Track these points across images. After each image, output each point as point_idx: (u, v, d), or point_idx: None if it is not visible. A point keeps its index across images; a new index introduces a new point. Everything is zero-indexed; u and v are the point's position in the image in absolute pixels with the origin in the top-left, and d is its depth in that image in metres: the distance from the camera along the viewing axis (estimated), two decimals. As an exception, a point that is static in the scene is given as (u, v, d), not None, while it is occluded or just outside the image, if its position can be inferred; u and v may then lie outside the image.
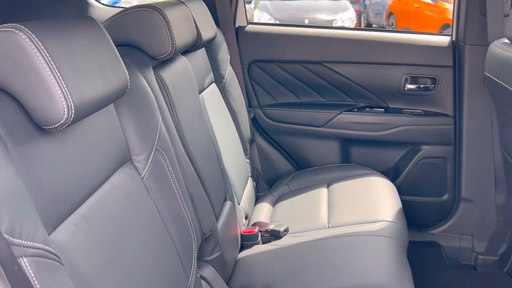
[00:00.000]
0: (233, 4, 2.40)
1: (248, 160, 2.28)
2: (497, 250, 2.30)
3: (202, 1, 1.94)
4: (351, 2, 9.67)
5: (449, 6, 6.93)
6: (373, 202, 1.96)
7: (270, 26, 2.86)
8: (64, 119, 0.85)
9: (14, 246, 0.71)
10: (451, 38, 2.31)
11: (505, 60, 1.73)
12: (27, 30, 0.82)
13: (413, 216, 2.11)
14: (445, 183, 2.41)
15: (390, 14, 9.24)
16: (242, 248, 1.83)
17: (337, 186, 2.14)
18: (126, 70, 1.08)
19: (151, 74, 1.39)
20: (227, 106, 2.14)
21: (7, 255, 0.68)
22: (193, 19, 1.71)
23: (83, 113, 0.90)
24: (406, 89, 2.37)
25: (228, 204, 1.77)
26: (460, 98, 2.28)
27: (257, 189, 2.32)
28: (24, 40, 0.82)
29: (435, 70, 2.31)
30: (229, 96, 2.18)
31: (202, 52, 1.98)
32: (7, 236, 0.70)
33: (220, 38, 2.20)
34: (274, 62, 2.45)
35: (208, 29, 1.88)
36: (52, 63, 0.84)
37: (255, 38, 2.47)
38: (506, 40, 1.80)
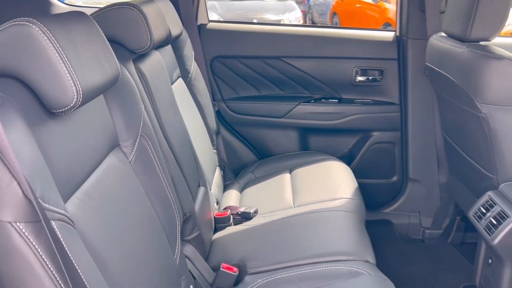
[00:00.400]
0: (194, 3, 2.51)
1: (215, 151, 2.40)
2: (442, 224, 2.53)
3: (169, 0, 2.05)
4: (297, 3, 9.95)
5: (389, 6, 7.29)
6: (332, 183, 2.14)
7: (231, 23, 2.99)
8: (73, 102, 0.95)
9: (46, 210, 0.81)
10: (395, 33, 2.54)
11: (443, 51, 1.96)
12: (39, 23, 0.92)
13: (367, 197, 2.29)
14: (394, 166, 2.64)
15: (334, 14, 9.57)
16: (216, 230, 1.95)
17: (299, 171, 2.30)
18: (117, 61, 1.18)
19: (131, 67, 1.49)
20: (193, 99, 2.25)
21: (45, 217, 0.78)
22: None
23: (87, 97, 1.01)
24: (357, 80, 2.58)
25: (202, 189, 1.89)
26: (404, 88, 2.50)
27: (224, 178, 2.45)
28: (37, 33, 0.91)
29: (382, 62, 2.54)
30: (195, 90, 2.29)
31: (169, 48, 2.09)
32: (41, 201, 0.80)
33: (185, 35, 2.31)
34: (235, 57, 2.58)
35: (176, 26, 1.99)
36: (62, 52, 0.94)
37: (217, 35, 2.59)
38: (443, 34, 2.04)
